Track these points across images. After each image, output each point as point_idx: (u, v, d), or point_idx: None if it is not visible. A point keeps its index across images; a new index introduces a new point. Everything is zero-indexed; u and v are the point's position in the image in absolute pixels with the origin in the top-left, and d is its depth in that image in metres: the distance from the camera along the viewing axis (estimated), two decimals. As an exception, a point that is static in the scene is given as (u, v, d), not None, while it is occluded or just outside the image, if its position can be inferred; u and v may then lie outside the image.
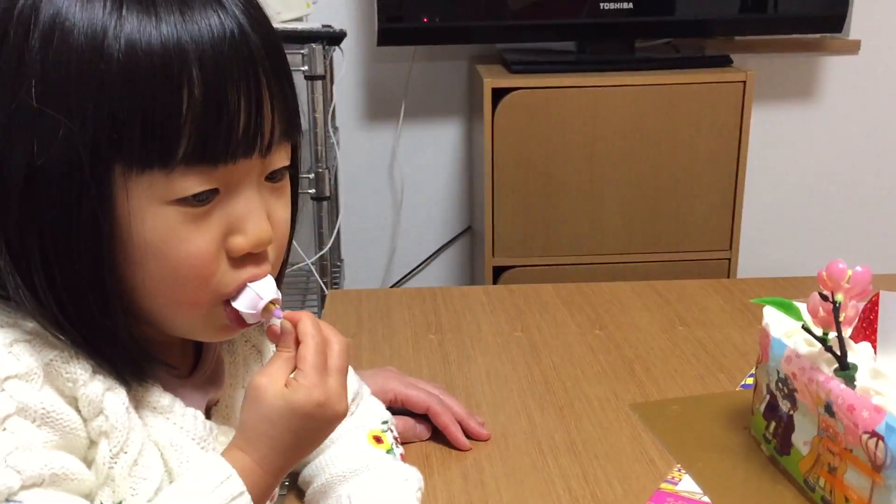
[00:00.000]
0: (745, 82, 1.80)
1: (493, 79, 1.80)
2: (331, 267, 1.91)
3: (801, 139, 2.26)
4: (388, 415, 0.81)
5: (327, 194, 1.78)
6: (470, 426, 0.87)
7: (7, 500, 0.51)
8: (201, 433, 0.60)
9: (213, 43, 0.53)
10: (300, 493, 0.76)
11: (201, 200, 0.54)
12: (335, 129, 2.04)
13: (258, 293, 0.57)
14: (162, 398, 0.59)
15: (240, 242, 0.56)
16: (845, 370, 0.45)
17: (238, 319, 0.57)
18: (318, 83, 1.72)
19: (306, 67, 1.70)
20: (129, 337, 0.56)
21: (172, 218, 0.54)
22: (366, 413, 0.78)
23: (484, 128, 1.81)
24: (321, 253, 1.81)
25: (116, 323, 0.55)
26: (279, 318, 0.57)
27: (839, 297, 0.48)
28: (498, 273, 1.89)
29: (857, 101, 2.24)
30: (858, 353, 0.47)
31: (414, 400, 0.87)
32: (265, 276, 0.58)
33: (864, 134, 2.27)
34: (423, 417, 0.87)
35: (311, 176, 1.75)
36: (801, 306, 0.50)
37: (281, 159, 0.58)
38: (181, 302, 0.56)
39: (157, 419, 0.59)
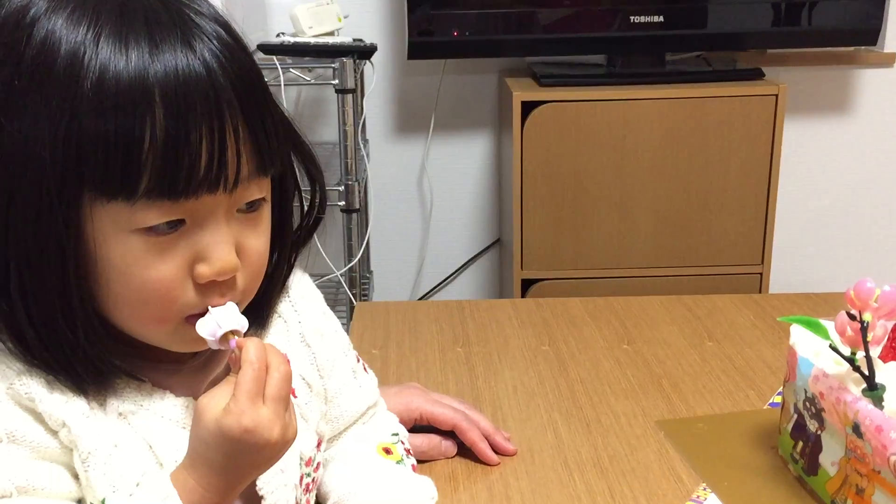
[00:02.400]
0: (777, 95, 1.78)
1: (522, 92, 1.80)
2: (360, 279, 1.92)
3: (834, 153, 2.23)
4: (399, 427, 0.81)
5: (357, 206, 1.79)
6: (497, 441, 0.87)
7: None
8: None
9: (178, 82, 0.54)
10: None
11: (165, 230, 0.56)
12: (365, 141, 2.05)
13: (217, 322, 0.58)
14: (144, 396, 0.61)
15: (204, 271, 0.57)
16: (873, 390, 0.45)
17: (202, 339, 0.59)
18: (349, 96, 1.73)
19: (337, 81, 1.71)
20: (94, 349, 0.58)
21: (137, 246, 0.56)
22: (377, 426, 0.79)
23: (513, 141, 1.81)
24: (350, 265, 1.82)
25: (81, 336, 0.57)
26: (233, 347, 0.59)
27: (867, 316, 0.47)
28: (526, 286, 1.88)
29: (892, 115, 2.20)
30: (887, 372, 0.47)
31: (440, 418, 0.87)
32: (227, 304, 0.59)
33: (899, 148, 2.23)
34: (450, 434, 0.88)
35: (341, 188, 1.76)
36: (829, 325, 0.49)
37: (252, 193, 0.59)
38: (147, 319, 0.59)
39: (140, 416, 0.61)
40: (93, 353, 0.58)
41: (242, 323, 0.60)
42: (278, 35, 1.81)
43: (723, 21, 1.93)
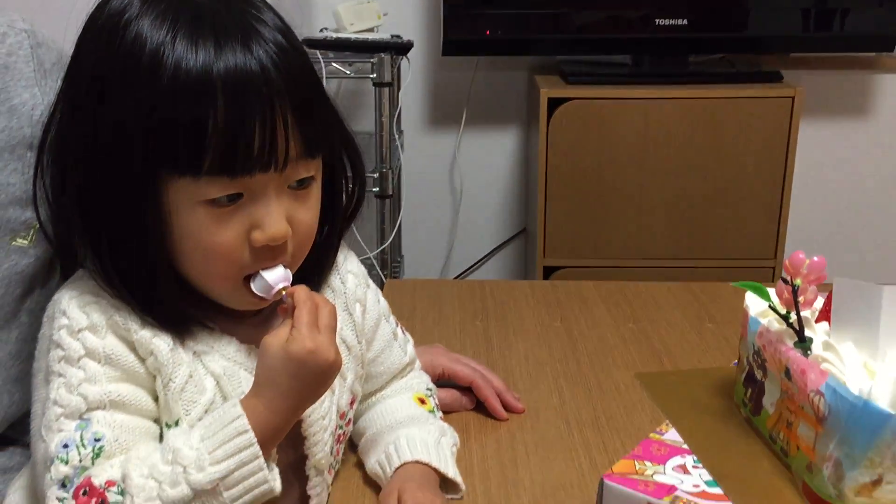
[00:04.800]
0: (793, 98, 1.86)
1: (549, 89, 1.90)
2: (391, 262, 2.04)
3: (852, 155, 2.30)
4: (432, 385, 0.92)
5: (389, 193, 1.91)
6: (507, 399, 0.98)
7: (80, 418, 0.67)
8: (253, 364, 0.72)
9: (236, 78, 0.65)
10: (354, 447, 0.88)
11: (226, 203, 0.67)
12: (400, 132, 2.17)
13: (268, 280, 0.70)
14: (214, 339, 0.73)
15: (258, 237, 0.69)
16: (802, 342, 0.55)
17: (256, 297, 0.71)
18: (386, 90, 1.85)
19: (374, 75, 1.83)
20: (170, 298, 0.70)
21: (203, 215, 0.67)
22: (414, 379, 0.90)
23: (539, 135, 1.91)
24: (382, 247, 1.94)
25: (160, 287, 0.69)
26: (286, 299, 0.70)
27: (798, 281, 0.57)
28: (548, 273, 1.99)
29: (910, 120, 2.27)
30: (818, 329, 0.57)
31: (460, 374, 0.98)
32: (277, 266, 0.70)
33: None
34: (467, 390, 0.98)
35: (375, 175, 1.88)
36: (773, 290, 0.59)
37: (300, 172, 0.70)
38: (212, 277, 0.71)
39: (211, 356, 0.73)
40: (169, 302, 0.70)
41: (289, 278, 0.71)
42: (321, 30, 1.93)
43: (745, 25, 2.01)
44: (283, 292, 0.71)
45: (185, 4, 0.67)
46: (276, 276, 0.71)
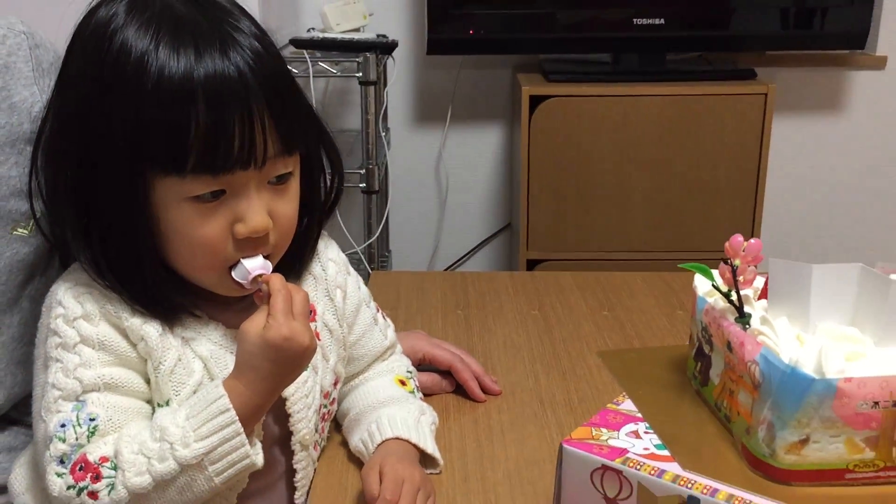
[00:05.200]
0: (766, 95, 1.92)
1: (531, 86, 1.95)
2: (378, 256, 2.09)
3: (826, 151, 2.37)
4: (413, 368, 0.98)
5: (376, 188, 1.96)
6: (485, 382, 1.04)
7: (76, 400, 0.73)
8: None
9: (215, 83, 0.70)
10: (339, 427, 0.94)
11: (210, 199, 0.72)
12: (386, 129, 2.22)
13: (246, 267, 0.75)
14: (201, 326, 0.78)
15: (240, 229, 0.74)
16: (742, 318, 0.60)
17: (239, 285, 0.76)
18: (372, 88, 1.90)
19: (361, 74, 1.88)
20: (158, 288, 0.75)
21: (188, 211, 0.72)
22: (395, 362, 0.96)
23: (521, 132, 1.97)
24: (369, 241, 1.99)
25: (149, 278, 0.75)
26: (262, 286, 0.75)
27: (737, 262, 0.63)
28: (532, 266, 2.04)
29: (881, 116, 2.33)
30: (757, 306, 0.62)
31: (439, 359, 1.03)
32: (257, 255, 0.76)
33: (887, 148, 2.36)
34: (447, 374, 1.04)
35: (362, 171, 1.93)
36: (717, 272, 0.65)
37: (279, 168, 0.75)
38: (198, 267, 0.76)
39: (199, 341, 0.78)
40: (157, 291, 0.76)
41: (267, 267, 0.76)
42: (309, 30, 1.98)
43: (719, 24, 2.07)
44: (260, 279, 0.76)
45: (166, 14, 0.72)
46: (255, 265, 0.76)
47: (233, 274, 0.76)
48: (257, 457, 0.74)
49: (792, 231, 2.42)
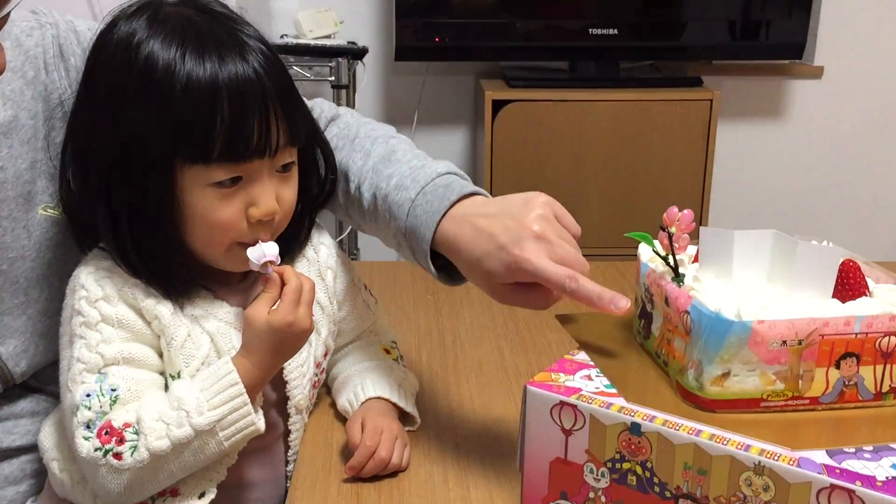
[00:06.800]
0: (711, 101, 2.06)
1: (493, 91, 2.07)
2: (349, 253, 2.18)
3: (768, 155, 2.52)
4: (396, 339, 1.08)
5: (347, 187, 2.05)
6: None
7: (98, 372, 0.82)
8: (241, 323, 0.87)
9: (238, 84, 0.80)
10: (328, 391, 1.04)
11: (229, 185, 0.82)
12: (356, 132, 2.31)
13: (264, 251, 0.84)
14: (209, 304, 0.87)
15: (255, 212, 0.83)
16: (677, 277, 0.72)
17: (245, 262, 0.85)
18: (343, 92, 2.00)
19: (333, 78, 1.98)
20: (178, 268, 0.84)
21: (210, 195, 0.82)
22: (380, 335, 1.06)
23: (484, 134, 2.09)
24: (339, 238, 2.09)
25: (171, 259, 0.84)
26: (270, 272, 0.85)
27: (672, 229, 0.75)
28: (494, 261, 2.15)
29: (818, 122, 2.50)
30: (690, 269, 0.74)
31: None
32: (269, 239, 0.85)
33: (823, 152, 2.53)
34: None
35: (334, 171, 2.02)
36: (657, 242, 0.77)
37: (285, 158, 0.85)
38: (212, 244, 0.85)
39: (207, 318, 0.87)
40: (177, 270, 0.85)
41: (277, 255, 0.86)
42: (282, 37, 2.07)
43: (668, 35, 2.21)
44: (269, 266, 0.85)
45: (187, 26, 0.81)
46: (272, 250, 0.85)
47: (248, 253, 0.84)
48: (260, 422, 0.84)
49: (735, 226, 2.56)
